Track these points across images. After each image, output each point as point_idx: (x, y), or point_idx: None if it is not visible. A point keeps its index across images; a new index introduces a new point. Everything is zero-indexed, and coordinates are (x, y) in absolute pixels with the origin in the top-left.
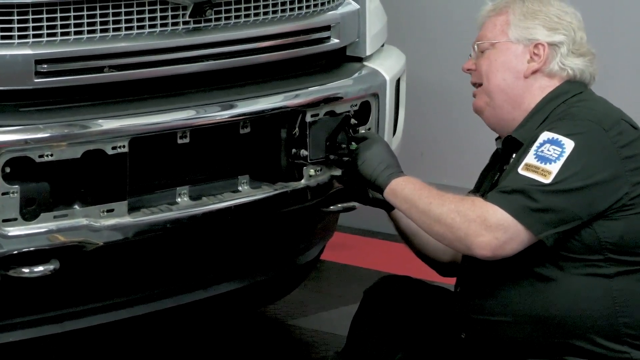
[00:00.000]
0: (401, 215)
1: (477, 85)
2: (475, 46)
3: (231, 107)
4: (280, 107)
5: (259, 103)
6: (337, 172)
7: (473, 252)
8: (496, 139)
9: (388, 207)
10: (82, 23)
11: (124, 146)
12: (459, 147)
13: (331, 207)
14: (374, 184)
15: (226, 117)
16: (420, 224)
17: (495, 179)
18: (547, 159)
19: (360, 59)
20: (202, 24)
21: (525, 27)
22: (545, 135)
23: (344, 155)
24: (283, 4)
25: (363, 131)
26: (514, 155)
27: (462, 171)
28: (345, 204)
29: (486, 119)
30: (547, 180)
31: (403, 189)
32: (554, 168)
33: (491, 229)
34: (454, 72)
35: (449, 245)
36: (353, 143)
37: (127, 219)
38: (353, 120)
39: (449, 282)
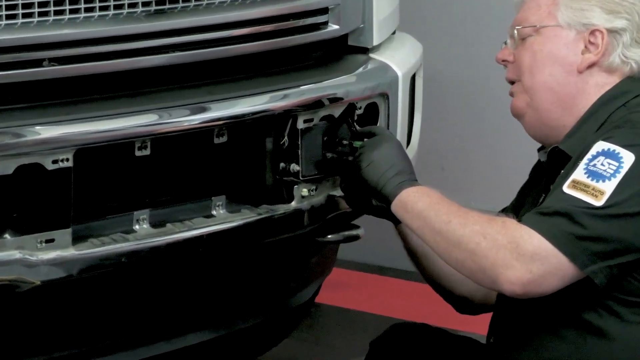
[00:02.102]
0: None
1: (515, 81)
2: (515, 32)
3: (203, 110)
4: (265, 111)
5: (238, 105)
6: (337, 192)
7: (500, 286)
8: (539, 150)
9: (395, 219)
10: (16, 5)
11: (67, 159)
12: (490, 160)
13: (329, 237)
14: (380, 192)
15: (197, 122)
16: (435, 248)
17: (541, 201)
18: (600, 175)
19: (365, 50)
20: (167, 6)
21: (578, 9)
22: (600, 145)
23: (345, 153)
24: None
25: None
26: (562, 173)
27: (494, 191)
28: (346, 233)
29: (527, 124)
30: (599, 202)
31: (415, 202)
32: (608, 187)
33: (525, 259)
34: (482, 65)
35: (470, 276)
36: (355, 141)
37: (70, 252)
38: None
39: (479, 332)
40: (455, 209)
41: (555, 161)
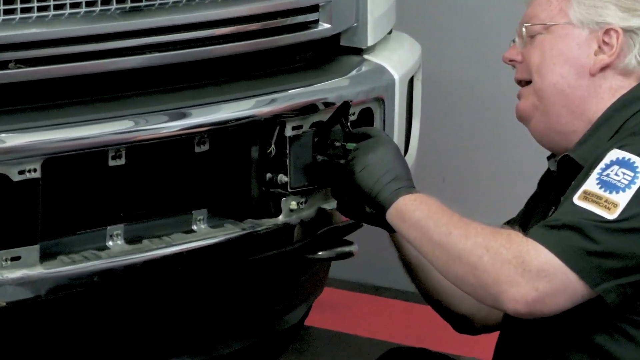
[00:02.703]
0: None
1: (524, 83)
2: (523, 29)
3: (183, 116)
4: (250, 117)
5: (221, 111)
6: (328, 205)
7: (502, 304)
8: (549, 158)
9: (390, 227)
10: None
11: (35, 170)
12: (495, 170)
13: (320, 253)
14: (375, 199)
15: (176, 130)
16: (434, 261)
17: (550, 214)
18: (614, 186)
19: (359, 51)
20: (143, 3)
21: (592, 6)
22: (614, 154)
23: (337, 156)
24: None
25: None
26: (573, 183)
27: (499, 203)
28: (339, 249)
29: (533, 128)
30: (612, 215)
31: (413, 211)
32: (622, 199)
33: (531, 275)
34: (487, 67)
35: (471, 293)
36: (349, 143)
37: (38, 270)
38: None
39: (483, 358)
40: (457, 219)
41: (566, 171)
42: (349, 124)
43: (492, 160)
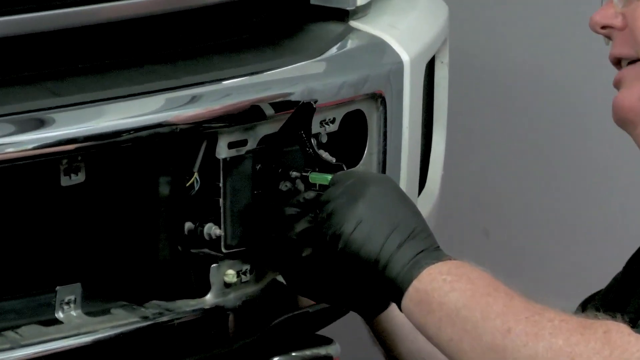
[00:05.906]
0: (402, 331)
1: (626, 62)
2: None
3: (40, 125)
4: (158, 125)
5: (107, 115)
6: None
7: None
8: None
9: (371, 312)
10: None
11: None
12: (569, 218)
13: (276, 359)
14: (383, 274)
15: (28, 148)
16: None
17: None
18: None
19: (343, 15)
20: None
21: None
22: None
23: (291, 192)
24: None
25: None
26: None
27: (574, 270)
28: (308, 353)
29: None
30: None
31: (447, 293)
32: None
33: None
34: (559, 41)
35: None
36: (311, 171)
37: None
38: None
39: None
40: (518, 305)
41: None
42: (314, 140)
43: (565, 202)
